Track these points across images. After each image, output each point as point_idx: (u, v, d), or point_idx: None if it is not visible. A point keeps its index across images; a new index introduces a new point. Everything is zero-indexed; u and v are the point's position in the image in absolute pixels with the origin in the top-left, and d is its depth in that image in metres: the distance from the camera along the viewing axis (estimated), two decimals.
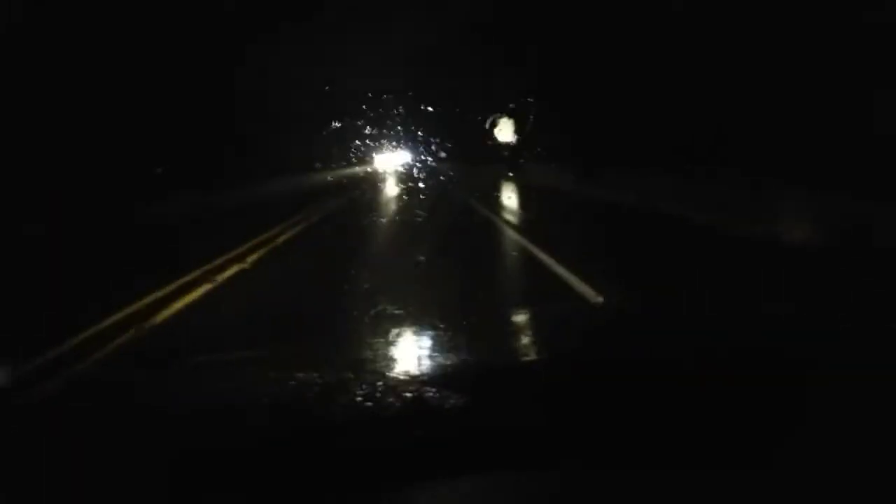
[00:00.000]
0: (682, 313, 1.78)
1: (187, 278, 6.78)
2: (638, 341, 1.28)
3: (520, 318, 1.99)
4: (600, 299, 4.95)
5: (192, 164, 17.79)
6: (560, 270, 6.31)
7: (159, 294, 6.11)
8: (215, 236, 9.72)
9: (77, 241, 9.30)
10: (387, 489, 0.82)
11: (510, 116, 27.03)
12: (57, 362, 3.92)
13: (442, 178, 25.85)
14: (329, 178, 32.56)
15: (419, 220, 10.91)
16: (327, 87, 36.96)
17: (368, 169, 39.69)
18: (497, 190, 20.06)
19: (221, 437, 0.92)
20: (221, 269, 7.44)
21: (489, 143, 27.18)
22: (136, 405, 1.13)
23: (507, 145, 26.93)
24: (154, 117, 16.24)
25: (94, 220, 11.58)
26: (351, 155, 43.25)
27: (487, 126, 28.17)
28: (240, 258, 8.09)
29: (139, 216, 13.11)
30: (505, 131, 27.01)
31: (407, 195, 16.63)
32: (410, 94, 47.13)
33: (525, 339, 1.57)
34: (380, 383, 1.04)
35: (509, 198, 17.04)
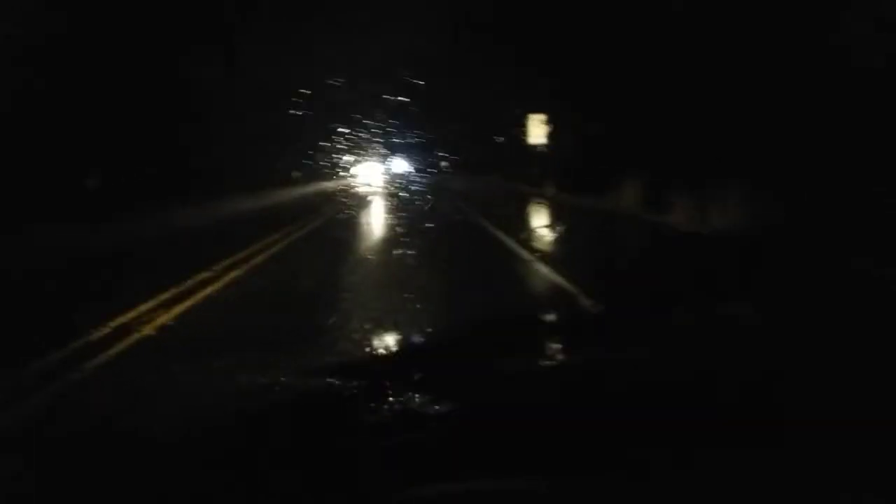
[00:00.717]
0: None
1: None
2: (631, 346, 1.32)
3: (515, 323, 1.91)
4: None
5: (139, 176, 15.26)
6: None
7: None
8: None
9: None
10: (380, 493, 0.83)
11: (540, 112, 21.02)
12: None
13: (450, 202, 16.76)
14: (301, 192, 26.26)
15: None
16: (305, 91, 32.68)
17: (353, 183, 33.82)
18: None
19: (216, 443, 0.93)
20: None
21: (517, 142, 21.07)
22: (142, 407, 1.15)
23: (537, 150, 20.84)
24: (93, 117, 13.54)
25: None
26: (334, 165, 37.82)
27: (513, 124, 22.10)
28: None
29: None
30: (535, 131, 20.93)
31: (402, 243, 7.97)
32: (405, 98, 41.40)
33: (520, 344, 1.52)
34: (377, 387, 1.05)
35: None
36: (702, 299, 3.94)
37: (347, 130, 42.83)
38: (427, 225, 11.15)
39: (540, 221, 12.28)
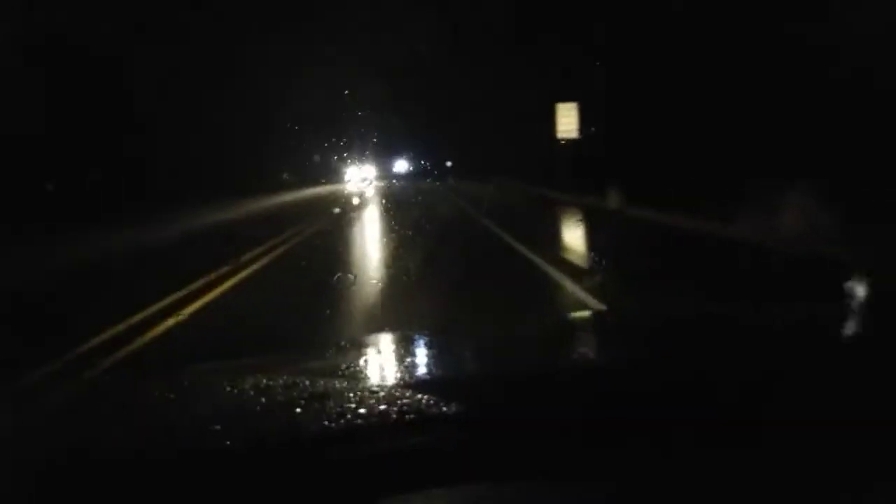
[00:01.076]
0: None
1: None
2: (639, 346, 1.30)
3: (525, 326, 1.92)
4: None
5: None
6: None
7: None
8: None
9: None
10: (380, 500, 0.81)
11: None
12: None
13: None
14: (289, 198, 23.13)
15: None
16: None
17: (346, 189, 30.91)
18: None
19: (212, 450, 0.90)
20: None
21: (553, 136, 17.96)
22: (128, 417, 1.11)
23: (568, 146, 17.80)
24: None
25: None
26: (327, 169, 35.13)
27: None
28: None
29: None
30: (566, 121, 17.88)
31: None
32: (406, 96, 38.34)
33: (526, 347, 1.50)
34: (376, 390, 1.01)
35: None
36: None
37: (342, 137, 39.81)
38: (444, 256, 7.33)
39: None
